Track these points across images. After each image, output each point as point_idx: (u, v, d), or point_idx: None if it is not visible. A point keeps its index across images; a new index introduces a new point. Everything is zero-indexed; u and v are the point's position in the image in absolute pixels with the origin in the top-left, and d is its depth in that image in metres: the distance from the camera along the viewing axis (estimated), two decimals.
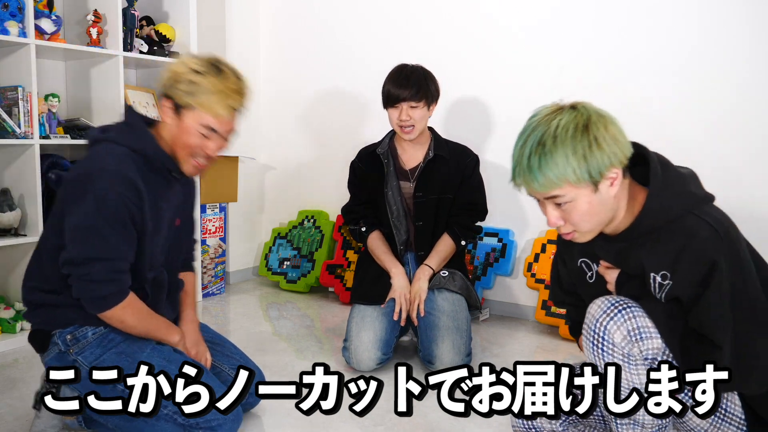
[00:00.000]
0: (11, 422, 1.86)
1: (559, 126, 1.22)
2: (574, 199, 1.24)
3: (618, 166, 1.24)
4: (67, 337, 1.63)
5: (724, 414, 1.30)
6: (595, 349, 1.28)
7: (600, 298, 1.31)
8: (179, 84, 1.59)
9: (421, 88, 2.27)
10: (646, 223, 1.28)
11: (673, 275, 1.26)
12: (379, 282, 2.38)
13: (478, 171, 2.46)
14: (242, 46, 3.66)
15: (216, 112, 1.60)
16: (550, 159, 1.21)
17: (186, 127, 1.61)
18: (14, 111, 2.52)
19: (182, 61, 1.63)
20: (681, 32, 2.62)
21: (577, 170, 1.21)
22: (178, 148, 1.65)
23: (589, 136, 1.21)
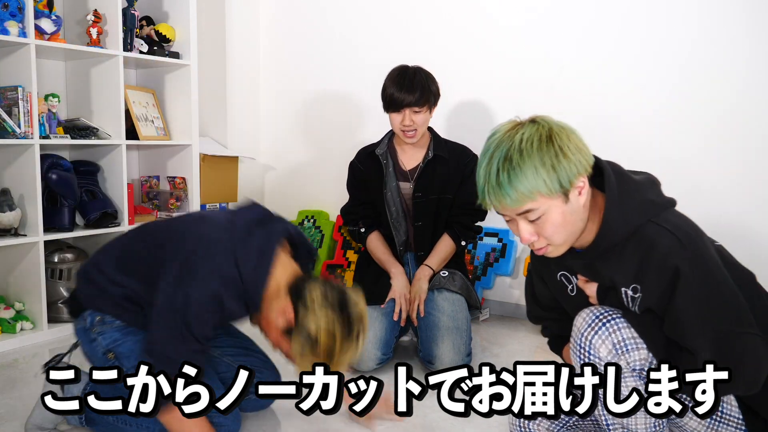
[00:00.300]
0: (11, 422, 1.86)
1: (522, 139, 1.22)
2: (547, 212, 1.23)
3: (584, 175, 1.24)
4: (97, 317, 1.66)
5: (721, 416, 1.29)
6: (583, 362, 1.29)
7: (585, 311, 1.31)
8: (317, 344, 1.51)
9: (424, 92, 2.27)
10: (608, 239, 1.27)
11: (642, 287, 1.25)
12: (379, 282, 2.38)
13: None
14: (242, 46, 3.66)
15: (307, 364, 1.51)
16: (520, 173, 1.20)
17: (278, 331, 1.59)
18: (14, 111, 2.52)
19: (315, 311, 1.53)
20: (681, 31, 2.62)
21: (548, 181, 1.20)
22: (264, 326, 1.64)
23: (554, 147, 1.21)
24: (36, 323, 2.63)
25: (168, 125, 3.21)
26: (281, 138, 3.79)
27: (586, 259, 1.32)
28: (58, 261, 2.75)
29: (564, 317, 1.53)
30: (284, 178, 3.82)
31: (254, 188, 3.80)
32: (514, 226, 1.30)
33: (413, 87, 2.26)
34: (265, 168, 3.86)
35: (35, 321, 2.63)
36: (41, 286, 2.59)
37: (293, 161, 3.77)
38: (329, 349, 1.52)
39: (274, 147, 3.82)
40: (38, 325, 2.62)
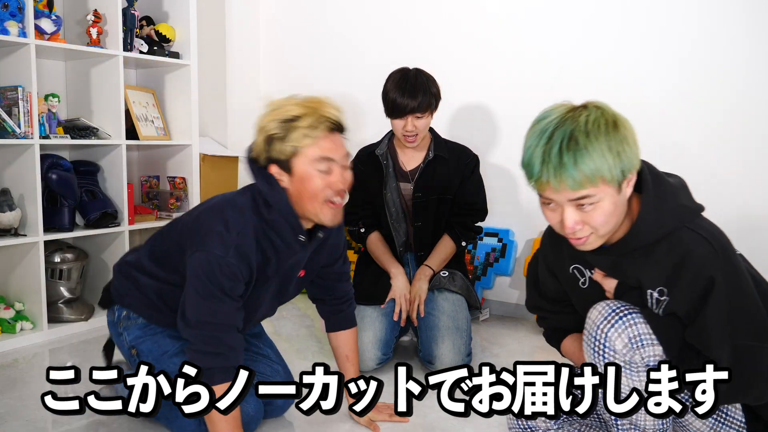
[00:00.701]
0: (11, 422, 1.86)
1: (589, 122, 1.18)
2: (601, 200, 1.19)
3: (636, 169, 1.23)
4: (123, 312, 1.73)
5: (724, 417, 1.29)
6: (596, 355, 1.28)
7: (601, 304, 1.30)
8: (272, 142, 1.52)
9: (426, 98, 2.26)
10: (640, 238, 1.26)
11: (670, 291, 1.25)
12: (379, 282, 2.38)
13: (477, 171, 2.46)
14: (242, 46, 3.66)
15: (319, 142, 1.51)
16: (587, 155, 1.15)
17: (303, 175, 1.52)
18: (14, 111, 2.52)
19: (261, 125, 1.55)
20: (681, 30, 2.62)
21: (613, 167, 1.17)
22: (308, 202, 1.54)
23: (620, 134, 1.19)
24: (36, 323, 2.63)
25: (168, 125, 3.21)
26: None
27: (613, 256, 1.31)
28: (58, 261, 2.75)
29: (564, 311, 1.52)
30: None
31: None
32: (555, 213, 1.24)
33: (415, 92, 2.25)
34: None
35: (35, 321, 2.63)
36: (41, 286, 2.59)
37: None
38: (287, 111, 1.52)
39: None
40: (38, 325, 2.62)
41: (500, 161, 3.05)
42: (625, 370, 1.26)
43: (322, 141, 1.51)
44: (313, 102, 1.55)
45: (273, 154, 1.52)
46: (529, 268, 1.61)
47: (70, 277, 2.78)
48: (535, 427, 1.49)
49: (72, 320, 2.75)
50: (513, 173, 3.04)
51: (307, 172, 1.51)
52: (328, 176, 1.52)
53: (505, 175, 3.05)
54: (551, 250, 1.48)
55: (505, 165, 3.05)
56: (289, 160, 1.51)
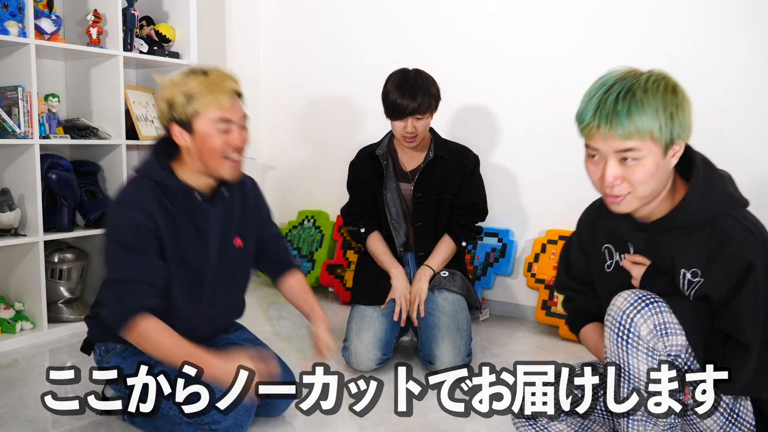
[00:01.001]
0: (11, 422, 1.86)
1: (649, 80, 1.22)
2: (645, 157, 1.22)
3: (685, 140, 1.26)
4: (102, 348, 1.82)
5: (735, 417, 1.29)
6: (620, 341, 1.27)
7: (626, 292, 1.30)
8: (175, 104, 1.63)
9: (426, 99, 2.26)
10: (684, 217, 1.28)
11: (705, 274, 1.26)
12: (379, 282, 2.38)
13: (478, 171, 2.46)
14: (242, 46, 3.66)
15: (220, 103, 1.63)
16: (641, 107, 1.19)
17: (204, 134, 1.63)
18: (14, 111, 2.52)
19: (165, 86, 1.67)
20: (680, 30, 2.62)
21: (663, 126, 1.21)
22: (208, 159, 1.66)
23: (677, 98, 1.23)
24: (36, 323, 2.63)
25: None
26: (281, 138, 3.79)
27: (652, 231, 1.32)
28: (58, 261, 2.75)
29: (590, 293, 1.53)
30: (284, 178, 3.82)
31: None
32: (598, 167, 1.27)
33: (415, 94, 2.25)
34: (265, 168, 3.86)
35: (35, 321, 2.63)
36: (41, 286, 2.59)
37: (293, 161, 3.77)
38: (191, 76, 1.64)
39: (274, 147, 3.83)
40: (38, 325, 2.62)
41: (500, 161, 3.05)
42: (648, 357, 1.26)
43: (221, 104, 1.63)
44: (213, 77, 1.65)
45: (175, 115, 1.64)
46: (562, 248, 1.62)
47: (70, 277, 2.78)
48: (537, 417, 1.49)
49: (72, 320, 2.75)
50: (513, 173, 3.04)
51: (208, 131, 1.63)
52: (227, 135, 1.65)
53: (505, 175, 3.05)
54: (587, 227, 1.50)
55: (506, 165, 3.05)
56: (190, 121, 1.63)
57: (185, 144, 1.66)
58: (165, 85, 1.67)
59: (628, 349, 1.26)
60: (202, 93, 1.61)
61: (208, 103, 1.61)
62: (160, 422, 1.71)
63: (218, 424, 1.61)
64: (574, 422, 1.50)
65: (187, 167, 1.71)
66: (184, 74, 1.66)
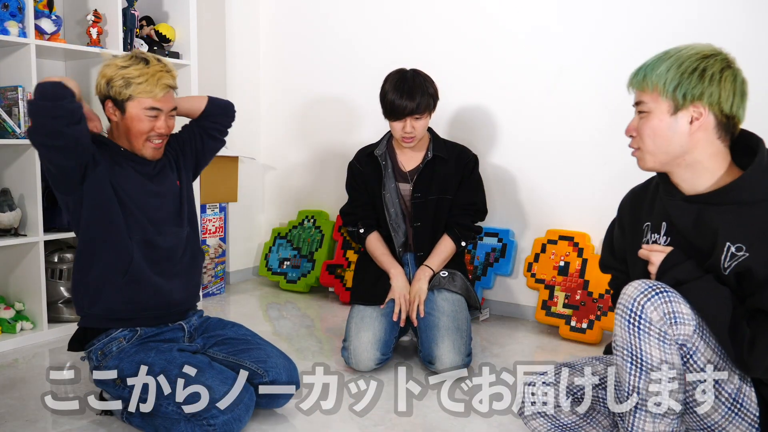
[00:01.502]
0: (11, 422, 1.86)
1: (695, 49, 1.31)
2: (651, 111, 1.33)
3: (707, 108, 1.30)
4: (98, 353, 1.82)
5: (739, 408, 1.29)
6: (631, 327, 1.28)
7: (636, 281, 1.31)
8: (114, 83, 1.78)
9: (424, 98, 2.27)
10: (738, 192, 1.29)
11: (752, 249, 1.26)
12: (379, 282, 2.38)
13: (477, 171, 2.46)
14: (242, 47, 3.66)
15: (154, 94, 1.78)
16: (660, 63, 1.32)
17: (133, 116, 1.80)
18: (14, 111, 2.52)
19: (108, 64, 1.81)
20: (682, 35, 2.62)
21: (668, 81, 1.30)
22: (133, 138, 1.84)
23: (702, 64, 1.29)
24: (36, 323, 2.63)
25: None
26: (281, 138, 3.79)
27: (703, 202, 1.34)
28: (58, 261, 2.75)
29: None
30: (284, 178, 3.82)
31: (254, 188, 3.80)
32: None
33: (413, 94, 2.25)
34: (265, 168, 3.86)
35: (35, 321, 2.63)
36: (41, 286, 2.59)
37: (293, 161, 3.77)
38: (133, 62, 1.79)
39: (274, 147, 3.83)
40: (38, 325, 2.62)
41: (500, 161, 3.05)
42: (659, 341, 1.26)
43: (155, 95, 1.79)
44: (153, 69, 1.79)
45: (111, 93, 1.80)
46: (608, 230, 1.65)
47: (70, 276, 2.78)
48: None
49: (72, 320, 2.74)
50: (513, 173, 3.04)
51: (138, 115, 1.80)
52: (155, 121, 1.82)
53: (505, 175, 3.05)
54: (630, 206, 1.54)
55: (506, 165, 3.05)
56: (124, 102, 1.80)
57: (115, 120, 1.84)
58: (108, 63, 1.82)
59: (640, 335, 1.27)
60: (139, 81, 1.77)
61: (142, 91, 1.77)
62: (159, 421, 1.72)
63: (216, 419, 1.62)
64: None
65: (114, 138, 1.89)
66: (127, 58, 1.81)
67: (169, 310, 1.91)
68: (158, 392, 1.66)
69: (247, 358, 1.85)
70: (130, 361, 1.75)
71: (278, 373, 1.83)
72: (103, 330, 1.84)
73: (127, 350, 1.79)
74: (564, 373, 1.51)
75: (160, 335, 1.86)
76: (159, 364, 1.70)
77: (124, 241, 1.81)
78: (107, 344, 1.81)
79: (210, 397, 1.62)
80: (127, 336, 1.82)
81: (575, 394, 1.50)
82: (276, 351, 1.92)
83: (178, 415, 1.65)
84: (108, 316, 1.83)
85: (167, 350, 1.77)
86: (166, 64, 1.84)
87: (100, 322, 1.84)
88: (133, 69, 1.77)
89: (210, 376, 1.67)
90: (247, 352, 1.87)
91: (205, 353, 1.88)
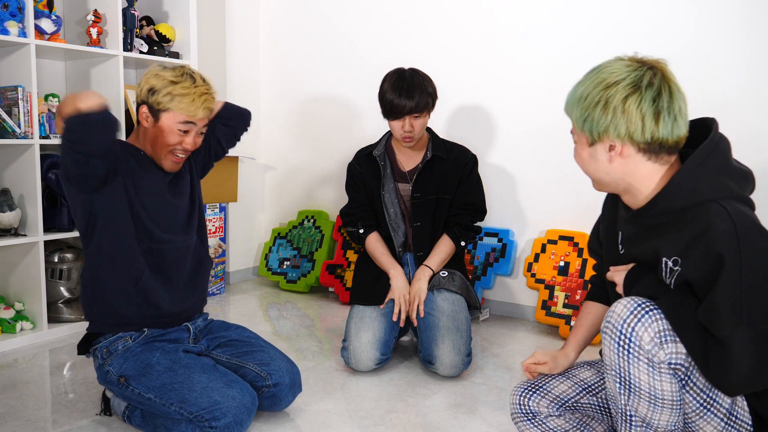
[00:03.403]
0: (11, 422, 1.86)
1: (601, 75, 1.31)
2: (576, 141, 1.34)
3: (618, 141, 1.26)
4: (103, 351, 1.81)
5: (734, 420, 1.29)
6: (620, 349, 1.26)
7: (625, 299, 1.28)
8: (158, 93, 1.77)
9: (423, 97, 2.27)
10: (666, 201, 1.24)
11: (684, 262, 1.23)
12: (378, 282, 2.38)
13: (476, 171, 2.46)
14: (242, 47, 3.67)
15: (194, 113, 1.78)
16: (572, 94, 1.32)
17: (165, 127, 1.79)
18: (14, 111, 2.52)
19: (156, 74, 1.80)
20: (682, 33, 2.62)
21: (578, 118, 1.30)
22: (158, 148, 1.82)
23: (604, 95, 1.27)
24: (36, 323, 2.63)
25: None
26: (281, 138, 3.79)
27: (638, 218, 1.31)
28: (58, 261, 2.75)
29: None
30: (284, 178, 3.82)
31: (254, 188, 3.80)
32: None
33: (412, 93, 2.26)
34: (265, 168, 3.86)
35: (35, 321, 2.64)
36: (41, 286, 2.60)
37: (293, 161, 3.77)
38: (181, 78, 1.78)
39: (274, 147, 3.83)
40: (38, 325, 2.62)
41: (501, 161, 3.05)
42: (648, 368, 1.24)
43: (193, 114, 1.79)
44: (199, 90, 1.80)
45: (150, 100, 1.79)
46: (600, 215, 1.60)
47: (70, 277, 2.78)
48: (537, 412, 1.49)
49: (72, 320, 2.75)
50: (513, 173, 3.04)
51: (170, 127, 1.79)
52: (184, 136, 1.81)
53: (505, 176, 3.05)
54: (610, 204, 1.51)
55: (506, 165, 3.05)
56: (161, 111, 1.78)
57: (146, 126, 1.82)
58: (156, 73, 1.81)
59: (629, 358, 1.25)
60: (183, 99, 1.76)
61: (184, 108, 1.77)
62: (160, 421, 1.73)
63: (218, 421, 1.62)
64: (573, 418, 1.51)
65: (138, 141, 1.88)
66: (177, 73, 1.80)
67: (177, 316, 1.91)
68: (161, 392, 1.67)
69: (251, 360, 1.85)
70: (135, 360, 1.76)
71: (281, 376, 1.83)
72: None
73: (132, 349, 1.79)
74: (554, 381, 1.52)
75: (165, 335, 1.86)
76: (164, 363, 1.72)
77: (136, 254, 1.80)
78: (113, 342, 1.81)
79: (214, 399, 1.63)
80: (133, 335, 1.82)
81: (565, 402, 1.50)
82: (279, 354, 1.91)
83: (180, 415, 1.65)
84: (118, 322, 1.83)
85: (173, 351, 1.77)
86: (210, 86, 1.85)
87: (109, 329, 1.84)
88: (181, 87, 1.77)
89: (214, 379, 1.68)
90: (250, 355, 1.87)
91: (209, 355, 1.88)
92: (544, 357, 1.51)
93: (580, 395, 1.50)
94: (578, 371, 1.54)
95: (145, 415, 1.78)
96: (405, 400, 2.02)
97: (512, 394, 1.53)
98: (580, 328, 1.56)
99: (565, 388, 1.50)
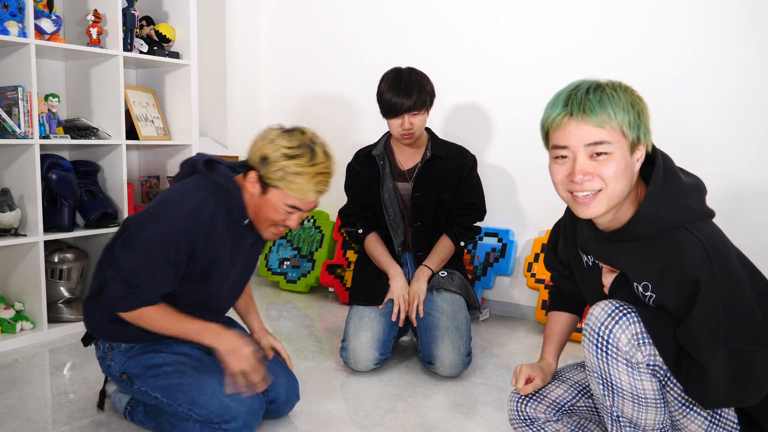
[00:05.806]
0: (11, 422, 1.86)
1: (614, 82, 1.25)
2: (615, 152, 1.21)
3: (646, 145, 1.26)
4: (106, 344, 1.78)
5: (718, 419, 1.29)
6: (599, 352, 1.27)
7: (603, 302, 1.29)
8: (270, 165, 1.62)
9: (420, 95, 2.27)
10: (636, 230, 1.25)
11: (657, 288, 1.24)
12: (378, 283, 2.38)
13: (476, 171, 2.46)
14: (242, 47, 3.67)
15: (305, 197, 1.65)
16: (612, 99, 1.21)
17: (271, 203, 1.66)
18: (14, 111, 2.52)
19: (272, 139, 1.64)
20: (681, 33, 2.62)
21: (632, 121, 1.21)
22: (260, 218, 1.70)
23: (642, 103, 1.25)
24: (36, 323, 2.63)
25: (168, 125, 3.21)
26: None
27: (607, 241, 1.31)
28: (58, 261, 2.75)
29: (571, 277, 1.54)
30: None
31: None
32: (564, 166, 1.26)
33: (410, 91, 2.26)
34: None
35: (35, 321, 2.64)
36: (41, 286, 2.60)
37: None
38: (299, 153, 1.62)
39: None
40: (38, 325, 2.62)
41: (500, 161, 3.05)
42: (627, 368, 1.25)
43: (305, 198, 1.67)
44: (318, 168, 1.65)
45: (261, 170, 1.64)
46: (553, 227, 1.61)
47: (70, 277, 2.78)
48: (535, 418, 1.50)
49: (72, 320, 2.75)
50: (512, 173, 3.04)
51: (277, 204, 1.66)
52: (289, 215, 1.69)
53: (505, 176, 3.05)
54: (570, 221, 1.49)
55: (505, 165, 3.05)
56: (270, 185, 1.64)
57: (251, 192, 1.68)
58: (272, 138, 1.65)
59: (608, 360, 1.26)
60: (296, 178, 1.61)
61: (295, 190, 1.63)
62: (164, 418, 1.71)
63: (229, 424, 1.62)
64: (570, 422, 1.51)
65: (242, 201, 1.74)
66: (294, 144, 1.64)
67: None
68: (169, 393, 1.65)
69: None
70: (138, 360, 1.73)
71: (277, 393, 1.82)
72: None
73: (136, 348, 1.75)
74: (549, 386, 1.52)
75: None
76: (172, 364, 1.69)
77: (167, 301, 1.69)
78: None
79: (224, 403, 1.62)
80: None
81: (562, 406, 1.50)
82: (278, 368, 1.89)
83: (188, 416, 1.64)
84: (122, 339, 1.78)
85: (181, 352, 1.74)
86: (330, 164, 1.68)
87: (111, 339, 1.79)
88: (295, 164, 1.61)
89: (224, 382, 1.66)
90: None
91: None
92: (533, 371, 1.50)
93: (576, 398, 1.50)
94: (572, 374, 1.54)
95: (148, 411, 1.77)
96: (405, 400, 2.02)
97: (510, 401, 1.54)
98: (553, 336, 1.59)
99: (561, 392, 1.51)
